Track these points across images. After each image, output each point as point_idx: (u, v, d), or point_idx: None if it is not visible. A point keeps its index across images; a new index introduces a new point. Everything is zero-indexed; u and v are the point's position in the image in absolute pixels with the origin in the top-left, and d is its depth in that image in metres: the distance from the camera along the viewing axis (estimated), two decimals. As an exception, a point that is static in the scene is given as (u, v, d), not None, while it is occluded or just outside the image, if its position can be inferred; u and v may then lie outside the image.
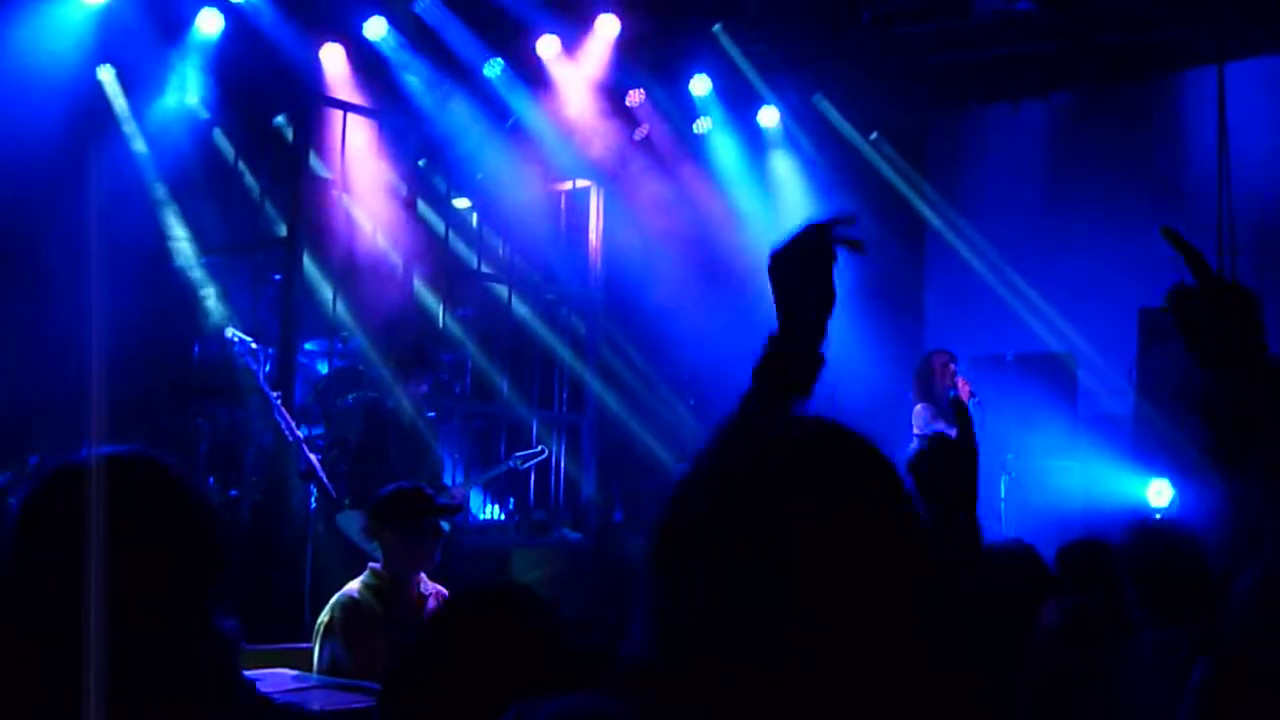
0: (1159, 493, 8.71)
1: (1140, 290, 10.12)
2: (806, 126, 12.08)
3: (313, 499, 7.76)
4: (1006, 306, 11.80)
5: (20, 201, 7.94)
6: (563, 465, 10.90)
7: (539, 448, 9.23)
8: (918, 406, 9.25)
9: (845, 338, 11.76)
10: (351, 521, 7.84)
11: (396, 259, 10.22)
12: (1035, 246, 11.89)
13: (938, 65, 11.63)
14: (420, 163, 10.62)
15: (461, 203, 11.57)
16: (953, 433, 9.34)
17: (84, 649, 1.55)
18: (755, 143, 12.09)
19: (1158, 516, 7.76)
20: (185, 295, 9.58)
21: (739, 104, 11.73)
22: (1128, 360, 9.85)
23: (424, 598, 5.29)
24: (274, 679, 4.25)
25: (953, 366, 9.29)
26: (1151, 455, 8.96)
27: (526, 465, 9.18)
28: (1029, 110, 12.37)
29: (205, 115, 9.83)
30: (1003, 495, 10.01)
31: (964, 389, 9.14)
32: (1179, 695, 3.02)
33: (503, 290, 10.86)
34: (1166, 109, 11.58)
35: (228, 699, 1.78)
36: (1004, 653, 3.51)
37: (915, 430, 8.97)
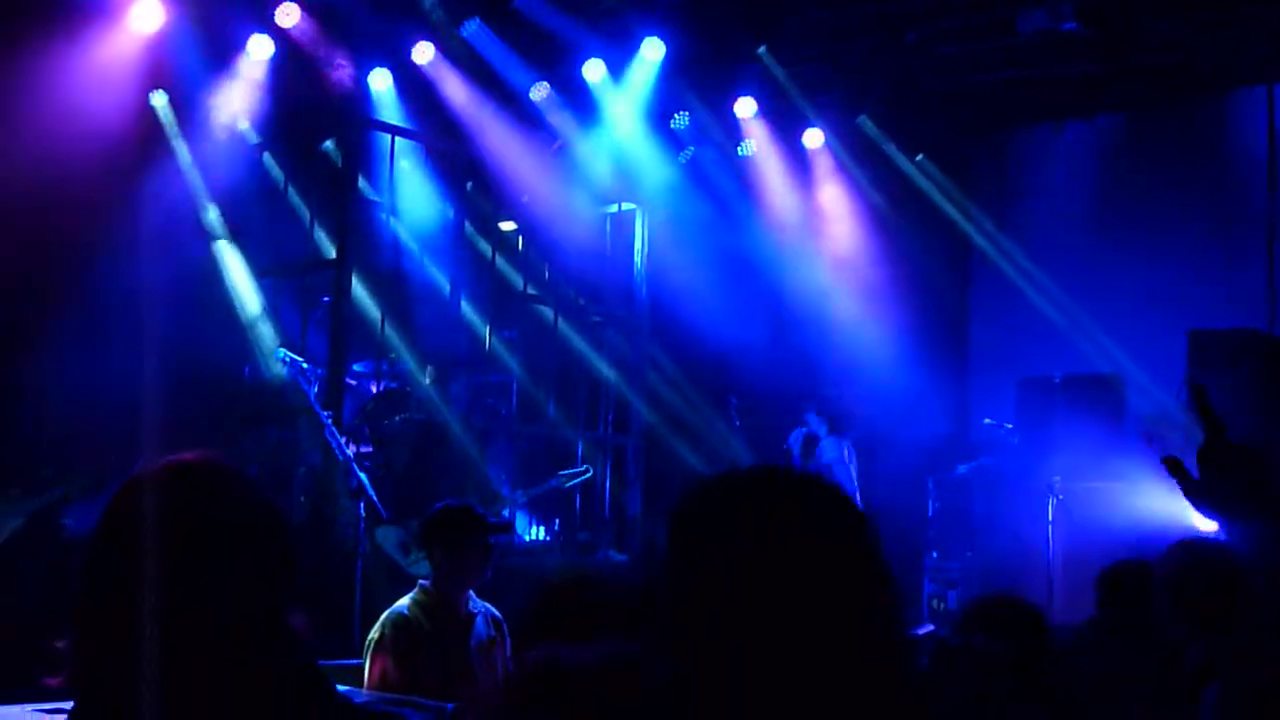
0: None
1: (1189, 311, 10.05)
2: (851, 148, 12.08)
3: (361, 517, 7.82)
4: (1054, 327, 11.73)
5: (75, 226, 8.05)
6: (608, 486, 10.93)
7: (584, 467, 9.27)
8: None
9: (889, 358, 11.74)
10: (389, 536, 7.91)
11: (443, 281, 10.31)
12: (1082, 267, 11.81)
13: (982, 86, 11.62)
14: (467, 186, 10.69)
15: (508, 225, 11.64)
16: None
17: (155, 647, 1.60)
18: (800, 164, 12.10)
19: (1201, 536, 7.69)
20: (236, 317, 9.69)
21: (784, 126, 11.74)
22: (1176, 381, 9.77)
23: (472, 615, 5.32)
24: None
25: None
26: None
27: (571, 484, 9.22)
28: (1074, 131, 12.33)
29: (255, 139, 9.96)
30: (1050, 518, 9.95)
31: None
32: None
33: (548, 312, 10.91)
34: (1214, 129, 11.50)
35: (310, 695, 1.83)
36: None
37: None
